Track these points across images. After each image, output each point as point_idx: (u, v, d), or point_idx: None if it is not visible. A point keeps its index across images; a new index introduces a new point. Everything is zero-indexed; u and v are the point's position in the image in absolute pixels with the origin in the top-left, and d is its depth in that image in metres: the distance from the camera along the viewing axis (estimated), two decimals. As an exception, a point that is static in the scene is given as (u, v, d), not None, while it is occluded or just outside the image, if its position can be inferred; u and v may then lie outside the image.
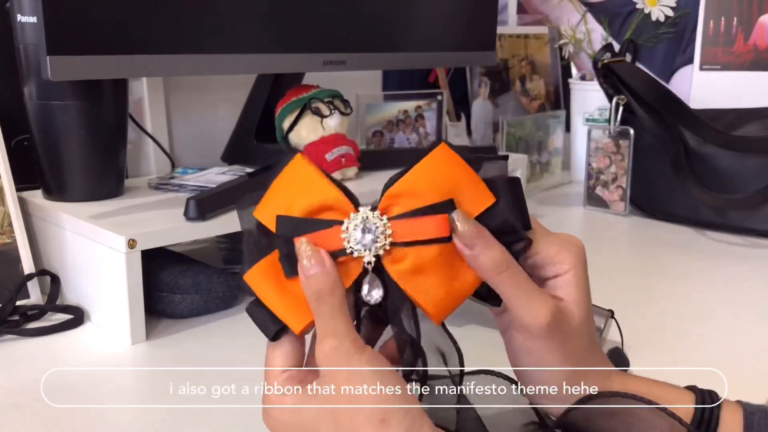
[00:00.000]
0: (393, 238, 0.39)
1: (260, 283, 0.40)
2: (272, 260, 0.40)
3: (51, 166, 0.76)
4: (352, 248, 0.39)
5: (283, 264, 0.39)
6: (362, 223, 0.39)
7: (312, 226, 0.39)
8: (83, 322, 0.70)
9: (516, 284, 0.39)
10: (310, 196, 0.40)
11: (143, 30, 0.72)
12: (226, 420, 0.52)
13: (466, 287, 0.40)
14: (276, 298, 0.39)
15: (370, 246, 0.39)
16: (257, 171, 0.85)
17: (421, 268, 0.39)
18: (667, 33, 1.26)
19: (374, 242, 0.39)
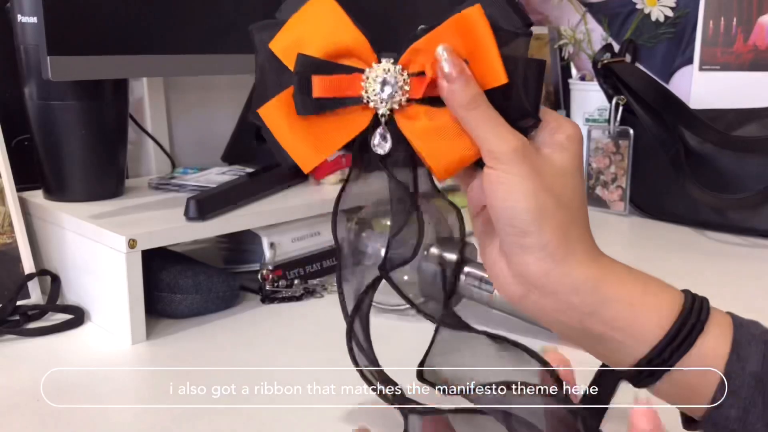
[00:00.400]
0: (410, 95, 0.39)
1: (275, 118, 0.40)
2: (287, 96, 0.40)
3: (51, 166, 0.77)
4: (368, 98, 0.39)
5: (297, 102, 0.39)
6: (383, 76, 0.39)
7: (333, 69, 0.39)
8: (83, 322, 0.70)
9: (489, 119, 0.38)
10: (334, 37, 0.40)
11: (143, 30, 0.72)
12: (226, 420, 0.52)
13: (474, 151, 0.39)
14: (289, 134, 0.40)
15: (387, 99, 0.39)
16: (257, 171, 0.85)
17: (432, 128, 0.39)
18: (667, 33, 1.26)
19: (392, 97, 0.39)
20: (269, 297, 0.75)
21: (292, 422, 0.51)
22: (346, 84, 0.39)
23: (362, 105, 0.39)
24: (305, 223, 0.81)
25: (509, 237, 0.38)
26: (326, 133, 0.40)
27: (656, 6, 1.23)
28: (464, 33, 0.39)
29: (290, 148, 0.40)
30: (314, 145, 0.40)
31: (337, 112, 0.40)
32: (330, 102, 0.39)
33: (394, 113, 0.40)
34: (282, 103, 0.40)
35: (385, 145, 0.40)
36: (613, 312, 0.37)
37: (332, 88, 0.39)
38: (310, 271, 0.82)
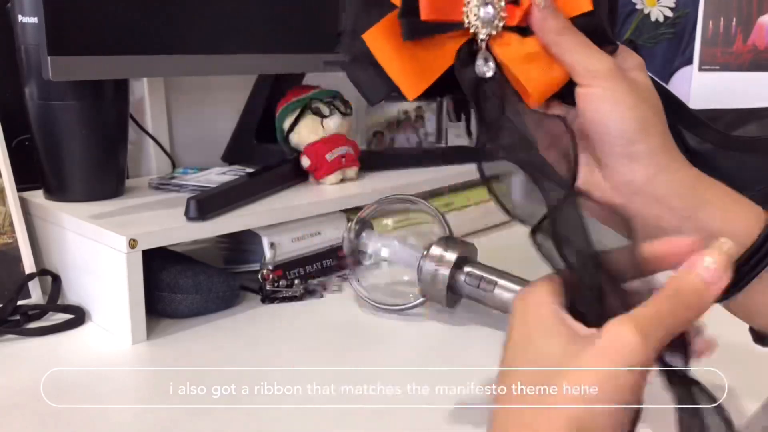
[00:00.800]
0: (506, 21, 0.40)
1: (380, 44, 0.40)
2: (391, 20, 0.40)
3: (52, 166, 0.77)
4: (470, 23, 0.40)
5: (404, 25, 0.39)
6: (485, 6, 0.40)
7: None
8: (84, 322, 0.70)
9: (581, 42, 0.40)
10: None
11: (144, 30, 0.72)
12: (226, 420, 0.52)
13: (563, 75, 0.41)
14: (395, 60, 0.40)
15: (487, 23, 0.40)
16: (257, 171, 0.85)
17: (525, 53, 0.41)
18: (667, 33, 1.26)
19: (491, 21, 0.40)
20: (269, 297, 0.76)
21: (292, 422, 0.51)
22: (450, 7, 0.40)
23: (463, 30, 0.40)
24: (305, 223, 0.81)
25: (616, 148, 0.40)
26: (427, 59, 0.40)
27: (656, 6, 1.23)
28: None
29: (396, 74, 0.40)
30: (417, 72, 0.40)
31: (438, 37, 0.40)
32: (435, 26, 0.40)
33: (490, 40, 0.41)
34: (387, 28, 0.40)
35: (491, 66, 0.41)
36: (708, 215, 0.40)
37: (439, 11, 0.39)
38: (310, 271, 0.82)
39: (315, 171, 0.88)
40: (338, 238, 0.85)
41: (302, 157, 0.88)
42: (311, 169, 0.88)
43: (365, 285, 0.74)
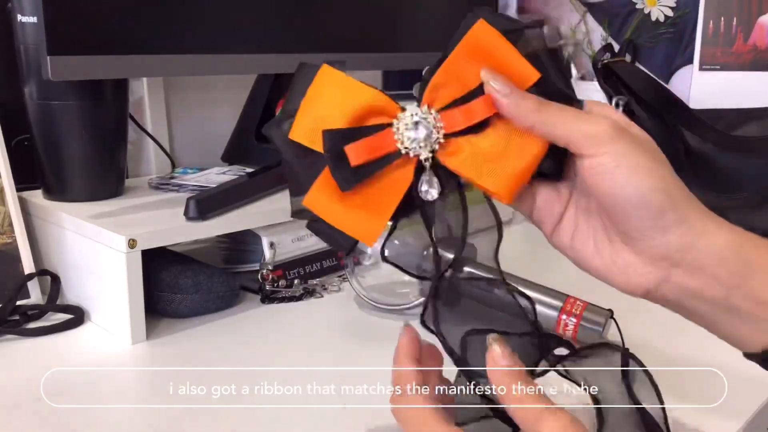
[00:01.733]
0: (445, 130, 0.38)
1: (323, 204, 0.39)
2: (326, 179, 0.39)
3: (51, 166, 0.77)
4: (407, 148, 0.38)
5: (338, 179, 0.38)
6: (413, 120, 0.38)
7: (361, 133, 0.38)
8: (83, 322, 0.70)
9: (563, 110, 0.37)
10: (352, 103, 0.38)
11: (143, 30, 0.72)
12: (226, 420, 0.52)
13: (531, 160, 0.38)
14: (342, 214, 0.39)
15: (424, 142, 0.38)
16: (257, 171, 0.85)
17: (479, 153, 0.38)
18: (667, 33, 1.26)
19: (428, 137, 0.38)
20: (269, 297, 0.75)
21: (292, 422, 0.51)
22: (380, 142, 0.38)
23: (403, 157, 0.38)
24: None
25: (644, 221, 0.36)
26: (378, 199, 0.39)
27: (656, 6, 1.23)
28: (478, 51, 0.39)
29: (348, 227, 0.39)
30: (371, 215, 0.38)
31: (380, 174, 0.38)
32: (370, 166, 0.38)
33: (437, 155, 0.38)
34: (323, 186, 0.39)
35: (434, 191, 0.39)
36: (759, 283, 0.35)
37: (368, 151, 0.38)
38: (310, 271, 0.82)
39: (315, 171, 0.88)
40: (338, 238, 0.85)
41: (302, 157, 0.88)
42: (311, 169, 0.88)
43: (365, 285, 0.74)
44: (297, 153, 0.40)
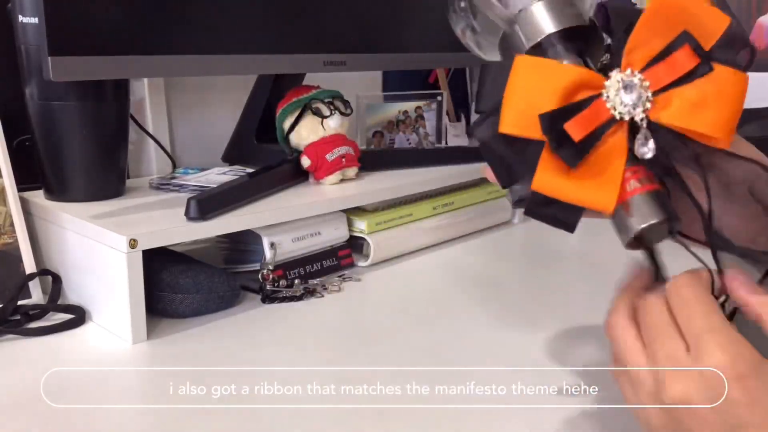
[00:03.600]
0: (652, 88, 0.39)
1: (553, 183, 0.39)
2: (547, 160, 0.39)
3: (52, 166, 0.77)
4: (621, 113, 0.39)
5: (564, 156, 0.39)
6: (620, 85, 0.39)
7: (576, 108, 0.39)
8: (84, 322, 0.70)
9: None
10: (558, 82, 0.39)
11: (144, 31, 0.72)
12: (226, 420, 0.52)
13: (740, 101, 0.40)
14: (576, 189, 0.39)
15: (636, 103, 0.39)
16: (257, 171, 0.85)
17: (690, 103, 0.39)
18: (667, 33, 1.26)
19: (639, 98, 0.39)
20: (269, 297, 0.76)
21: (292, 422, 0.51)
22: (594, 113, 0.39)
23: (618, 122, 0.39)
24: (305, 223, 0.81)
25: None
26: (603, 167, 0.39)
27: (656, 6, 1.23)
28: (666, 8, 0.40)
29: (583, 200, 0.39)
30: (601, 184, 0.39)
31: (599, 143, 0.39)
32: (591, 137, 0.39)
33: (648, 115, 0.39)
34: (547, 168, 0.40)
35: (650, 146, 0.39)
36: None
37: (586, 125, 0.39)
38: (311, 271, 0.82)
39: (315, 171, 0.88)
40: (338, 238, 0.85)
41: (302, 157, 0.88)
42: (311, 169, 0.88)
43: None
44: (508, 144, 0.41)
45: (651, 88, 0.39)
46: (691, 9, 0.40)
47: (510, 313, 0.70)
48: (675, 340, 0.37)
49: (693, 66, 0.39)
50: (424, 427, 0.51)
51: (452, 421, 0.51)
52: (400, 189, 0.90)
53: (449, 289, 0.79)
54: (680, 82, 0.39)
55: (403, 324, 0.70)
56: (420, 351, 0.64)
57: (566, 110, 0.39)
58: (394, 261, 0.89)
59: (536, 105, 0.39)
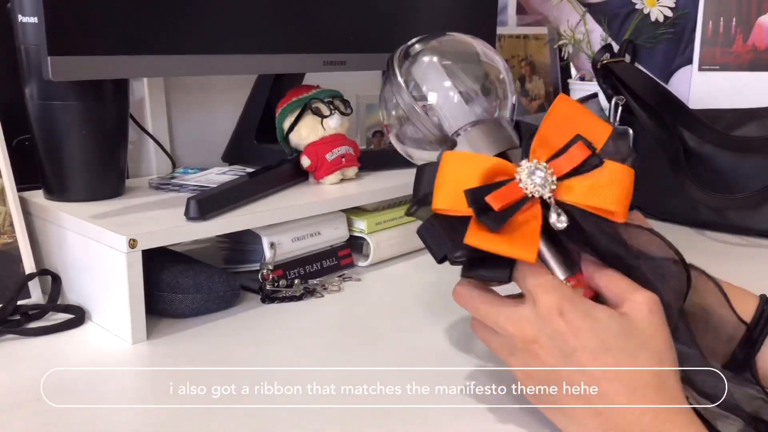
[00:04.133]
0: (556, 175, 0.48)
1: (482, 239, 0.47)
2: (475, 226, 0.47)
3: (52, 166, 0.77)
4: (531, 192, 0.48)
5: (487, 222, 0.47)
6: (529, 170, 0.48)
7: (495, 187, 0.48)
8: (84, 322, 0.70)
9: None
10: (479, 168, 0.49)
11: (144, 30, 0.72)
12: (226, 420, 0.52)
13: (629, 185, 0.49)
14: (501, 243, 0.47)
15: (543, 184, 0.48)
16: (257, 171, 0.85)
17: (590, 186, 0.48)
18: (666, 33, 1.26)
19: (545, 180, 0.48)
20: (269, 297, 0.76)
21: (292, 422, 0.51)
22: (509, 191, 0.48)
23: (529, 201, 0.48)
24: (305, 223, 0.81)
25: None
26: (524, 230, 0.47)
27: (655, 6, 1.24)
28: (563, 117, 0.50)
29: (508, 251, 0.47)
30: (523, 242, 0.47)
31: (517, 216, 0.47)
32: (509, 210, 0.47)
33: (555, 195, 0.48)
34: (476, 229, 0.47)
35: (563, 219, 0.47)
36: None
37: (503, 198, 0.47)
38: (311, 271, 0.82)
39: (315, 171, 0.88)
40: (338, 238, 0.85)
41: (302, 157, 0.88)
42: (311, 169, 0.88)
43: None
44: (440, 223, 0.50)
45: (555, 174, 0.48)
46: (582, 118, 0.51)
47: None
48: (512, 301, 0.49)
49: (586, 157, 0.48)
50: (424, 427, 0.51)
51: (452, 422, 0.51)
52: (400, 189, 0.90)
53: (449, 289, 0.79)
54: (578, 172, 0.48)
55: (403, 324, 0.70)
56: (420, 351, 0.64)
57: (487, 187, 0.48)
58: (394, 261, 0.89)
59: (462, 186, 0.48)
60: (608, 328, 0.44)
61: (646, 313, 0.44)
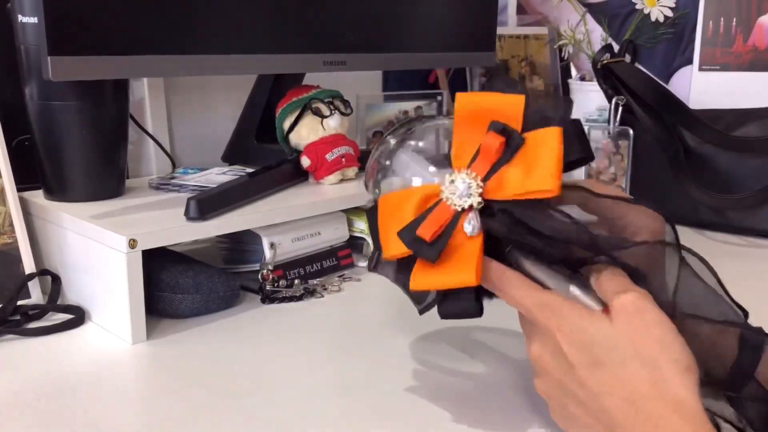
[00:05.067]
0: (480, 176, 0.46)
1: (424, 280, 0.46)
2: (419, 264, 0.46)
3: (52, 166, 0.77)
4: (459, 205, 0.45)
5: (425, 256, 0.45)
6: (452, 185, 0.46)
7: (423, 216, 0.46)
8: (84, 322, 0.70)
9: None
10: (410, 204, 0.47)
11: (144, 30, 0.72)
12: (226, 420, 0.52)
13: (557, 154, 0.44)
14: (443, 276, 0.45)
15: (468, 192, 0.45)
16: (257, 171, 0.85)
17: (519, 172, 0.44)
18: (667, 33, 1.26)
19: (469, 187, 0.45)
20: (269, 297, 0.76)
21: (292, 423, 0.51)
22: (439, 214, 0.46)
23: (463, 214, 0.45)
24: (305, 223, 0.81)
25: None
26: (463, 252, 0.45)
27: (656, 6, 1.24)
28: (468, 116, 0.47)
29: (449, 283, 0.45)
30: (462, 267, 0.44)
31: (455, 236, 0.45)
32: (444, 235, 0.45)
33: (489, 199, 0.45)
34: (418, 270, 0.46)
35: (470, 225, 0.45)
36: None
37: (434, 224, 0.45)
38: (310, 271, 0.82)
39: (315, 171, 0.88)
40: (338, 238, 0.85)
41: (302, 157, 0.88)
42: (311, 169, 0.88)
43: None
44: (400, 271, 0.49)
45: (478, 176, 0.46)
46: (488, 104, 0.47)
47: (512, 312, 0.70)
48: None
49: (500, 144, 0.45)
50: (424, 427, 0.51)
51: (453, 422, 0.51)
52: (400, 189, 0.90)
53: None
54: (503, 162, 0.45)
55: (403, 324, 0.70)
56: (420, 351, 0.64)
57: (416, 221, 0.46)
58: (394, 261, 0.89)
59: (398, 223, 0.46)
60: (596, 340, 0.41)
61: (627, 317, 0.41)
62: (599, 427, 0.41)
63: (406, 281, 0.47)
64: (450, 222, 0.45)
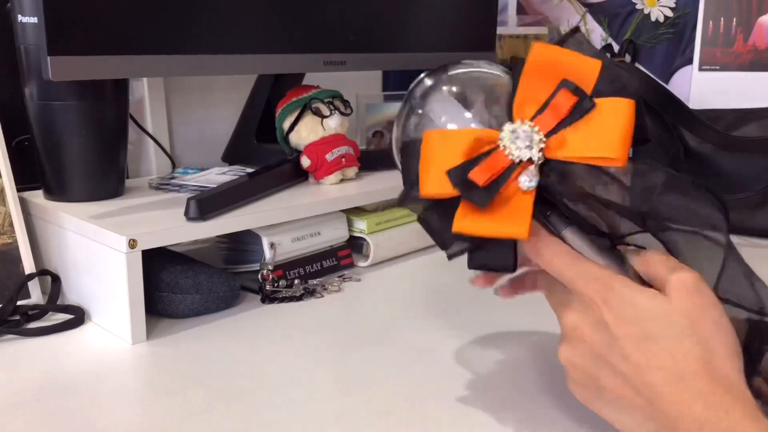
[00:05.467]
0: (542, 131, 0.44)
1: (470, 224, 0.44)
2: (464, 207, 0.44)
3: (52, 166, 0.77)
4: (518, 156, 0.44)
5: (474, 200, 0.43)
6: (512, 135, 0.44)
7: (477, 161, 0.44)
8: (84, 322, 0.70)
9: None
10: (459, 144, 0.45)
11: (144, 30, 0.72)
12: (226, 420, 0.52)
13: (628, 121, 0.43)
14: (491, 224, 0.43)
15: (529, 145, 0.44)
16: (257, 171, 0.85)
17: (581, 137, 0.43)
18: (667, 33, 1.26)
19: (531, 141, 0.44)
20: (269, 297, 0.76)
21: (292, 422, 0.51)
22: (494, 161, 0.44)
23: (519, 166, 0.44)
24: (305, 223, 0.81)
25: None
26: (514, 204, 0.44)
27: (656, 6, 1.24)
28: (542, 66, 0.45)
29: (498, 232, 0.43)
30: (513, 217, 0.43)
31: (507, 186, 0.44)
32: (496, 182, 0.44)
33: (548, 155, 0.44)
34: (464, 213, 0.44)
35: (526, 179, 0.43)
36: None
37: (488, 171, 0.44)
38: (310, 271, 0.82)
39: (315, 171, 0.88)
40: (338, 238, 0.85)
41: (302, 157, 0.88)
42: (311, 169, 0.88)
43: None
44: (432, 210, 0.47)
45: (541, 131, 0.44)
46: (564, 60, 0.45)
47: (511, 311, 0.70)
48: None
49: (572, 104, 0.43)
50: (424, 427, 0.51)
51: (453, 422, 0.51)
52: (400, 189, 0.90)
53: (449, 289, 0.79)
54: (569, 122, 0.44)
55: (403, 324, 0.70)
56: (420, 351, 0.64)
57: (469, 163, 0.44)
58: (394, 261, 0.89)
59: (446, 166, 0.44)
60: (649, 314, 0.41)
61: (687, 294, 0.41)
62: (639, 400, 0.41)
63: (436, 221, 0.46)
64: (504, 171, 0.44)
